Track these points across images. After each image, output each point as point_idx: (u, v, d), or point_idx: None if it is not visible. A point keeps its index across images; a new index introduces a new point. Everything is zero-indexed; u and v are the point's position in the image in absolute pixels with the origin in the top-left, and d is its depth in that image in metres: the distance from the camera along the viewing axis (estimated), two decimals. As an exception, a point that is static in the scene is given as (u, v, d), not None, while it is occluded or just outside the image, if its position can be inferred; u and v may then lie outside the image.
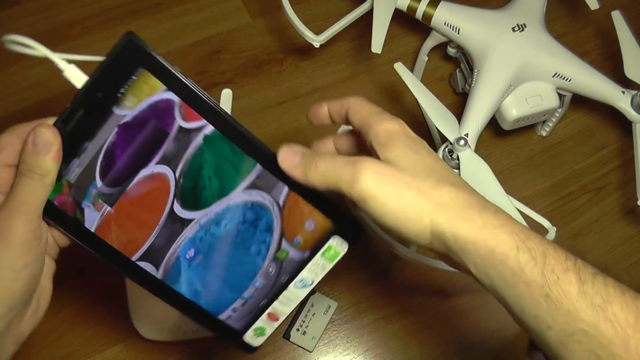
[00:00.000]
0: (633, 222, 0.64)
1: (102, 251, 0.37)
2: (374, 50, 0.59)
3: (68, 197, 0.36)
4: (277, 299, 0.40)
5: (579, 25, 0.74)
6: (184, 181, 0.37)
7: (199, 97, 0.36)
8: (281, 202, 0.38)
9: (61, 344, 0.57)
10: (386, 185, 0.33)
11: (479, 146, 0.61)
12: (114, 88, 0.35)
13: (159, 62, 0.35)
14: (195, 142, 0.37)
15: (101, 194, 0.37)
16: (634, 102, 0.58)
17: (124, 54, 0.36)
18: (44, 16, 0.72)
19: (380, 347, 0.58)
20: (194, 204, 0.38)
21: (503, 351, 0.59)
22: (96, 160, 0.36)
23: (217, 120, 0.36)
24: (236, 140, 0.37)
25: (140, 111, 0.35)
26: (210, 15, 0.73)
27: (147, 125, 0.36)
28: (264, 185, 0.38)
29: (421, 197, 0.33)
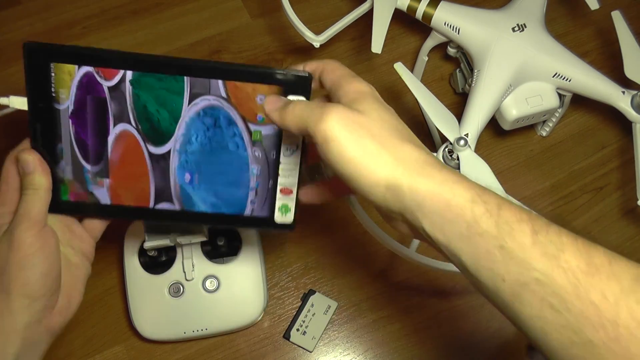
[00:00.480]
0: (633, 222, 0.64)
1: (127, 214, 0.44)
2: (374, 50, 0.59)
3: (77, 190, 0.43)
4: (279, 175, 0.43)
5: (579, 25, 0.74)
6: (141, 125, 0.42)
7: (103, 57, 0.40)
8: (224, 94, 0.41)
9: (61, 344, 0.57)
10: (350, 130, 0.33)
11: (479, 146, 0.61)
12: (46, 92, 0.40)
13: (59, 50, 0.40)
14: (127, 91, 0.41)
15: (95, 173, 0.43)
16: (634, 102, 0.58)
17: (31, 62, 0.40)
18: (44, 16, 0.72)
19: (380, 347, 0.58)
20: (161, 138, 0.42)
21: (503, 351, 0.59)
22: (74, 151, 0.42)
23: (129, 64, 0.40)
24: (154, 69, 0.40)
25: (75, 96, 0.41)
26: (210, 15, 0.73)
27: (87, 102, 0.41)
28: (202, 90, 0.41)
29: (383, 149, 0.33)
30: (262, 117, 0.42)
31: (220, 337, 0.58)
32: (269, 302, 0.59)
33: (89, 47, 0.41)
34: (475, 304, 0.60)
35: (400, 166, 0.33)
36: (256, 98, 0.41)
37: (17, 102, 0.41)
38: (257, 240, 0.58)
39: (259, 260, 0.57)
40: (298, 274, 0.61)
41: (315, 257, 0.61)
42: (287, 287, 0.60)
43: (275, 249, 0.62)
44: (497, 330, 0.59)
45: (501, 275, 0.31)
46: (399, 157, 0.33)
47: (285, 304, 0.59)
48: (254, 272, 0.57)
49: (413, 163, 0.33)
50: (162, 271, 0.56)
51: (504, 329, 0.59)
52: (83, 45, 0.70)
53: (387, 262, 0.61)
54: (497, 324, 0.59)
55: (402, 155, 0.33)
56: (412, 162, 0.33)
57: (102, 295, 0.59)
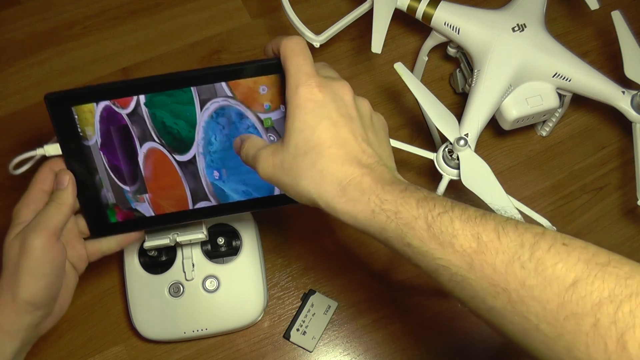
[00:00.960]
0: (633, 222, 0.64)
1: (171, 220, 0.49)
2: (374, 50, 0.59)
3: (122, 210, 0.48)
4: None
5: (579, 25, 0.74)
6: (164, 140, 0.46)
7: (114, 89, 0.44)
8: (230, 93, 0.45)
9: (61, 344, 0.57)
10: (273, 175, 0.40)
11: (479, 146, 0.61)
12: (74, 133, 0.45)
13: (77, 94, 0.44)
14: (144, 113, 0.45)
15: (134, 192, 0.48)
16: (634, 102, 0.58)
17: (54, 110, 0.44)
18: (44, 16, 0.72)
19: (380, 347, 0.58)
20: (184, 146, 0.47)
21: (503, 351, 0.59)
22: (111, 178, 0.47)
23: (139, 89, 0.44)
24: (162, 88, 0.44)
25: (100, 130, 0.45)
26: (210, 15, 0.73)
27: (112, 133, 0.45)
28: (210, 95, 0.45)
29: (295, 182, 0.39)
30: (269, 105, 0.45)
31: (220, 337, 0.58)
32: (269, 302, 0.59)
33: (100, 84, 0.45)
34: (475, 304, 0.60)
35: (314, 191, 0.38)
36: (259, 89, 0.44)
37: (52, 149, 0.45)
38: (257, 240, 0.58)
39: (259, 260, 0.57)
40: (298, 274, 0.61)
41: (315, 257, 0.61)
42: (287, 287, 0.60)
43: (275, 249, 0.62)
44: (497, 330, 0.59)
45: (418, 265, 0.37)
46: (312, 182, 0.38)
47: (285, 304, 0.59)
48: (254, 272, 0.57)
49: (322, 185, 0.38)
50: (162, 271, 0.56)
51: (504, 329, 0.59)
52: (82, 44, 0.70)
53: (387, 262, 0.61)
54: (497, 324, 0.59)
55: (312, 180, 0.38)
56: (322, 184, 0.38)
57: (102, 295, 0.59)
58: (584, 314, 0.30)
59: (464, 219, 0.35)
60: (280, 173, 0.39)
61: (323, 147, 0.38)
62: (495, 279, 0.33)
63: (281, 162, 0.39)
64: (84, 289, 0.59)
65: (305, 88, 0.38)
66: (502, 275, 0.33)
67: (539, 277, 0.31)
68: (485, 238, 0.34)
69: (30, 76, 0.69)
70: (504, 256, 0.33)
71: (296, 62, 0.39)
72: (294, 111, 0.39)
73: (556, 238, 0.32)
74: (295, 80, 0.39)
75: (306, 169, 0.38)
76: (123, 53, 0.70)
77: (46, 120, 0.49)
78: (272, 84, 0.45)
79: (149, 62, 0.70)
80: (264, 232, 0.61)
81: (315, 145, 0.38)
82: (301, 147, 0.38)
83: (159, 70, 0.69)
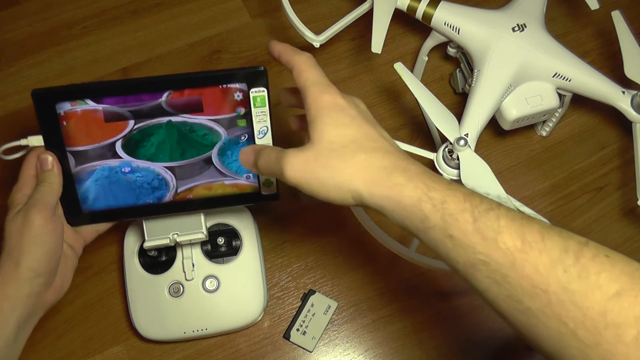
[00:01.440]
0: (633, 222, 0.64)
1: (147, 211, 0.50)
2: (374, 50, 0.59)
3: None
4: None
5: (579, 25, 0.74)
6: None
7: (93, 89, 0.47)
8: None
9: (61, 344, 0.57)
10: (303, 172, 0.40)
11: (479, 146, 0.61)
12: (56, 127, 0.47)
13: (59, 91, 0.46)
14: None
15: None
16: (634, 102, 0.58)
17: (39, 105, 0.46)
18: (44, 16, 0.72)
19: (380, 347, 0.58)
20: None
21: (503, 351, 0.59)
22: None
23: (115, 90, 0.47)
24: (138, 90, 0.47)
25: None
26: (210, 15, 0.73)
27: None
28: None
29: (336, 172, 0.39)
30: (241, 110, 0.48)
31: (220, 337, 0.58)
32: (269, 302, 0.59)
33: (81, 83, 0.48)
34: (475, 304, 0.60)
35: (355, 180, 0.38)
36: (234, 95, 0.48)
37: (35, 140, 0.47)
38: (257, 239, 0.58)
39: (259, 260, 0.57)
40: (298, 274, 0.61)
41: (315, 257, 0.61)
42: (287, 287, 0.60)
43: (275, 249, 0.62)
44: (497, 330, 0.59)
45: (455, 259, 0.36)
46: (353, 172, 0.39)
47: (285, 304, 0.59)
48: (254, 272, 0.57)
49: (365, 173, 0.38)
50: (162, 271, 0.56)
51: (504, 329, 0.59)
52: (82, 44, 0.70)
53: (387, 262, 0.61)
54: (497, 324, 0.59)
55: (355, 169, 0.39)
56: (365, 172, 0.38)
57: (102, 295, 0.59)
58: (626, 325, 0.30)
59: (509, 217, 0.35)
60: (315, 168, 0.39)
61: (361, 140, 0.39)
62: (535, 280, 0.33)
63: (315, 158, 0.39)
64: (84, 289, 0.59)
65: (329, 95, 0.41)
66: (543, 277, 0.33)
67: (581, 283, 0.32)
68: (530, 238, 0.34)
69: (30, 76, 0.69)
70: (547, 258, 0.33)
71: (315, 73, 0.42)
72: (321, 112, 0.40)
73: (599, 248, 0.33)
74: (319, 89, 0.41)
75: (347, 159, 0.39)
76: (123, 53, 0.70)
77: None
78: (230, 93, 0.48)
79: (149, 62, 0.70)
80: (264, 232, 0.61)
81: (352, 139, 0.39)
82: (337, 142, 0.39)
83: (159, 70, 0.69)
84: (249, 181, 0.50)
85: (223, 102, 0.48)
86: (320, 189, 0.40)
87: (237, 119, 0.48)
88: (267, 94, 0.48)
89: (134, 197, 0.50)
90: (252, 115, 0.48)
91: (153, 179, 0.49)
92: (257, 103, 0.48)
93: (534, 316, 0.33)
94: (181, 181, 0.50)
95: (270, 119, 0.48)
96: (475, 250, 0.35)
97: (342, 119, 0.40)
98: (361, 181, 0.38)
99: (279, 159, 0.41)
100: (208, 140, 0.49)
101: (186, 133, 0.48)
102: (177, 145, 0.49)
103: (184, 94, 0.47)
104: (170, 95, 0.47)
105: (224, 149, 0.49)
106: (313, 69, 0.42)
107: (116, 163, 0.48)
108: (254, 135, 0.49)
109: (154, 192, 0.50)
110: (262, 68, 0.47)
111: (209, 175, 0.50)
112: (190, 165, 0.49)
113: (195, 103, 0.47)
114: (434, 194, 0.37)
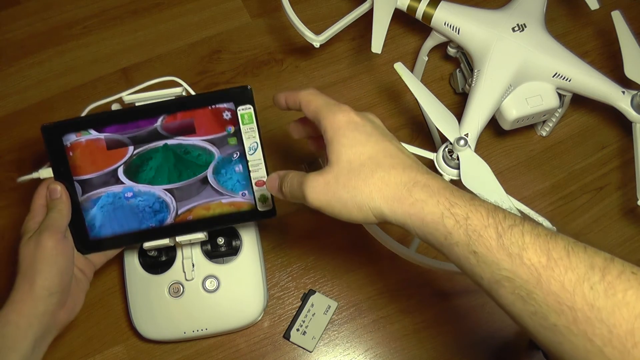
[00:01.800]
0: (633, 222, 0.64)
1: (150, 236, 0.52)
2: (374, 50, 0.59)
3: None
4: (250, 170, 0.51)
5: (579, 25, 0.74)
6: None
7: (95, 120, 0.50)
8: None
9: (61, 344, 0.57)
10: (325, 194, 0.40)
11: (479, 146, 0.61)
12: (63, 159, 0.50)
13: (67, 125, 0.49)
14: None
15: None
16: (634, 102, 0.58)
17: (48, 138, 0.49)
18: (44, 16, 0.72)
19: (380, 347, 0.58)
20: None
21: (503, 351, 0.59)
22: None
23: (116, 119, 0.50)
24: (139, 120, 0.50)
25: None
26: (210, 15, 0.73)
27: None
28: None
29: (356, 192, 0.39)
30: (231, 129, 0.50)
31: (220, 337, 0.58)
32: (269, 302, 0.59)
33: (86, 115, 0.52)
34: (475, 304, 0.60)
35: (376, 198, 0.39)
36: (222, 114, 0.50)
37: (45, 173, 0.50)
38: (257, 240, 0.58)
39: (259, 260, 0.57)
40: (298, 274, 0.61)
41: (315, 257, 0.61)
42: (287, 287, 0.60)
43: (275, 249, 0.62)
44: (497, 330, 0.59)
45: (479, 274, 0.36)
46: (372, 191, 0.39)
47: (285, 304, 0.59)
48: (254, 272, 0.57)
49: (385, 190, 0.38)
50: (162, 271, 0.56)
51: (504, 329, 0.59)
52: (82, 44, 0.70)
53: (387, 262, 0.61)
54: (497, 324, 0.59)
55: (374, 187, 0.39)
56: (384, 189, 0.38)
57: (102, 295, 0.59)
58: None
59: (534, 233, 0.35)
60: (336, 189, 0.40)
61: (379, 157, 0.40)
62: (561, 297, 0.33)
63: (335, 179, 0.40)
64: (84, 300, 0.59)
65: (343, 113, 0.41)
66: (569, 293, 0.32)
67: (608, 300, 0.31)
68: (556, 255, 0.34)
69: (30, 76, 0.69)
70: (573, 275, 0.33)
71: (322, 98, 0.43)
72: (337, 132, 0.41)
73: (625, 265, 0.33)
74: (331, 109, 0.42)
75: (366, 178, 0.39)
76: (123, 53, 0.70)
77: (45, 121, 0.49)
78: (219, 113, 0.50)
79: (149, 62, 0.70)
80: (264, 232, 0.61)
81: (370, 156, 0.40)
82: (355, 161, 0.40)
83: (160, 70, 0.69)
84: (245, 199, 0.51)
85: (213, 122, 0.50)
86: (343, 210, 0.40)
87: (228, 137, 0.50)
88: (254, 110, 0.50)
89: (137, 222, 0.51)
90: (241, 132, 0.50)
91: (154, 202, 0.51)
92: (245, 120, 0.50)
93: (560, 333, 0.33)
94: (180, 202, 0.51)
95: (259, 134, 0.51)
96: (499, 266, 0.35)
97: (358, 137, 0.40)
98: (382, 199, 0.38)
99: (301, 184, 0.41)
100: (202, 160, 0.51)
101: (182, 155, 0.51)
102: (174, 167, 0.51)
103: (177, 117, 0.50)
104: (164, 120, 0.50)
105: (218, 167, 0.51)
106: (319, 96, 0.43)
107: (119, 189, 0.51)
108: (245, 153, 0.51)
109: (156, 215, 0.51)
110: (247, 87, 0.50)
111: (207, 195, 0.51)
112: (188, 186, 0.51)
113: (188, 125, 0.50)
114: (456, 210, 0.37)
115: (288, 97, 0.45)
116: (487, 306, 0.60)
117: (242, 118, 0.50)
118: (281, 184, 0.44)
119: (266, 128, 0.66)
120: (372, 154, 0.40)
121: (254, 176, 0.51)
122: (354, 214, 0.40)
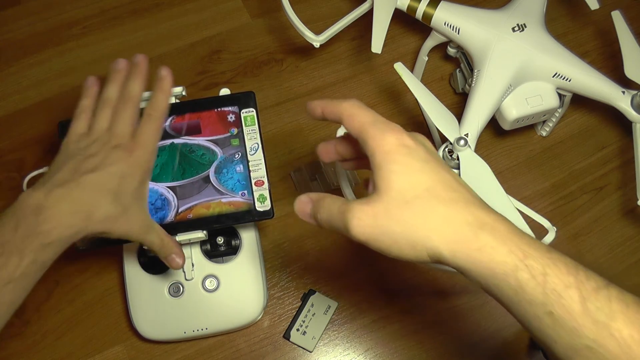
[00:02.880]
0: (633, 222, 0.64)
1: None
2: (374, 50, 0.59)
3: None
4: (250, 170, 0.52)
5: (579, 25, 0.74)
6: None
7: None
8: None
9: (61, 344, 0.57)
10: (373, 228, 0.35)
11: (479, 146, 0.61)
12: None
13: None
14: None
15: None
16: (634, 102, 0.58)
17: (63, 133, 0.49)
18: (44, 16, 0.72)
19: (380, 347, 0.58)
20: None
21: (503, 351, 0.59)
22: None
23: None
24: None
25: None
26: (210, 15, 0.73)
27: None
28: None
29: (410, 228, 0.34)
30: (234, 130, 0.53)
31: (220, 337, 0.58)
32: (269, 302, 0.59)
33: None
34: (475, 304, 0.60)
35: (434, 237, 0.34)
36: (227, 117, 0.53)
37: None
38: (256, 239, 0.58)
39: (258, 259, 0.57)
40: (298, 274, 0.61)
41: (315, 257, 0.61)
42: (287, 287, 0.60)
43: (275, 249, 0.62)
44: (497, 330, 0.59)
45: (552, 338, 0.32)
46: (430, 229, 0.34)
47: (285, 304, 0.59)
48: (253, 271, 0.57)
49: (446, 229, 0.34)
50: (162, 271, 0.56)
51: (504, 329, 0.59)
52: (82, 44, 0.70)
53: (387, 262, 0.61)
54: (497, 324, 0.59)
55: (433, 225, 0.34)
56: (445, 228, 0.34)
57: (102, 296, 0.59)
58: None
59: (623, 301, 0.31)
60: (386, 223, 0.34)
61: (436, 189, 0.34)
62: None
63: (385, 211, 0.34)
64: (84, 289, 0.59)
65: (393, 135, 0.36)
66: None
67: None
68: None
69: (30, 76, 0.69)
70: None
71: (369, 115, 0.37)
72: (387, 156, 0.35)
73: None
74: (379, 128, 0.36)
75: (423, 213, 0.34)
76: (123, 53, 0.70)
77: (46, 120, 0.49)
78: (223, 116, 0.53)
79: (149, 62, 0.69)
80: (264, 232, 0.61)
81: (427, 187, 0.35)
82: (409, 192, 0.34)
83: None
84: (244, 199, 0.52)
85: (218, 124, 0.53)
86: (393, 246, 0.35)
87: (231, 138, 0.53)
88: (256, 113, 0.53)
89: None
90: (244, 133, 0.53)
91: (156, 199, 0.51)
92: (247, 122, 0.53)
93: None
94: (182, 200, 0.51)
95: (260, 136, 0.53)
96: (581, 333, 0.31)
97: (411, 163, 0.35)
98: (441, 239, 0.33)
99: (343, 213, 0.36)
100: (206, 160, 0.52)
101: (186, 153, 0.52)
102: (179, 165, 0.52)
103: (185, 118, 0.53)
104: (173, 120, 0.53)
105: (220, 167, 0.52)
106: (365, 110, 0.37)
107: None
108: (246, 153, 0.52)
109: (157, 213, 0.51)
110: (252, 92, 0.53)
111: (207, 194, 0.52)
112: (190, 184, 0.51)
113: (195, 125, 0.53)
114: (532, 262, 0.32)
115: (327, 106, 0.39)
116: (487, 306, 0.60)
117: (245, 120, 0.53)
118: (315, 211, 0.39)
119: (266, 128, 0.66)
120: (428, 185, 0.35)
121: (253, 176, 0.52)
122: (405, 252, 0.35)
